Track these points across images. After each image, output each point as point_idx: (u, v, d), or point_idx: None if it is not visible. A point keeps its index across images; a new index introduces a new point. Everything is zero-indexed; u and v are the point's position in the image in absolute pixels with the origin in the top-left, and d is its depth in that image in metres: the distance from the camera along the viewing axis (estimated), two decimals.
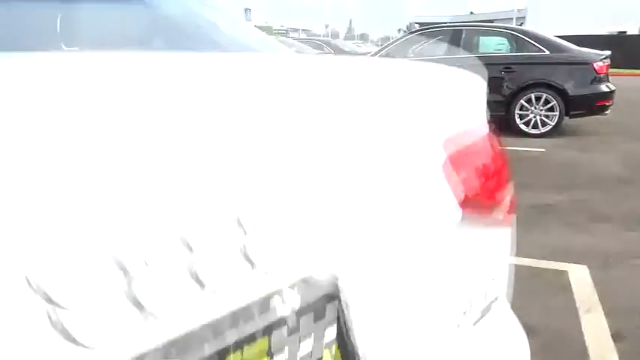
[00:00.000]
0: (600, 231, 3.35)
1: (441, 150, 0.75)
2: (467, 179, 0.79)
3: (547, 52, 6.73)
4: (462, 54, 7.12)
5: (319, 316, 0.58)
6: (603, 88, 6.64)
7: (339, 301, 0.60)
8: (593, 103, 6.66)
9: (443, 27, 8.10)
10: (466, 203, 0.78)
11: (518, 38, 6.97)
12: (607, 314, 2.28)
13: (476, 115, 0.87)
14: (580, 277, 2.65)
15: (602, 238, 3.23)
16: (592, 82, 6.58)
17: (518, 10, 39.12)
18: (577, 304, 2.39)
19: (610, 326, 2.19)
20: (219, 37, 1.26)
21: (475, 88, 0.87)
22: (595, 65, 6.55)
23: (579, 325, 2.21)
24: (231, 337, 0.50)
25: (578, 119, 7.16)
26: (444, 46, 7.37)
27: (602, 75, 6.61)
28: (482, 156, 0.85)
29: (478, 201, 0.81)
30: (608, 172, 5.01)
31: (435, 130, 0.76)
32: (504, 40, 7.39)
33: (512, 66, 6.74)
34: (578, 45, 7.32)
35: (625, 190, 4.33)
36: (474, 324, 0.83)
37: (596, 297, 2.45)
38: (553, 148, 6.13)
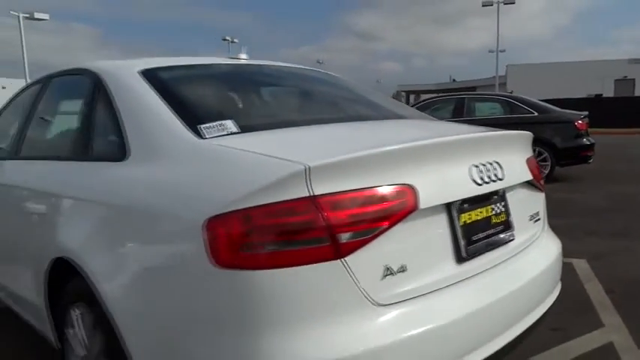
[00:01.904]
0: (592, 240, 4.53)
1: (525, 157, 1.97)
2: (531, 166, 2.00)
3: (536, 114, 8.17)
4: (464, 119, 8.54)
5: (502, 202, 1.77)
6: (585, 141, 8.04)
7: (505, 198, 1.79)
8: (578, 154, 8.02)
9: (447, 96, 9.59)
10: (532, 174, 1.98)
11: (511, 103, 8.43)
12: (601, 282, 3.43)
13: (530, 147, 2.10)
14: (581, 265, 3.80)
15: (594, 244, 4.40)
16: (575, 137, 7.97)
17: (500, 77, 41.79)
18: (580, 278, 3.53)
19: (603, 287, 3.33)
20: (402, 109, 2.48)
21: (530, 137, 2.09)
22: (576, 123, 7.97)
23: (584, 287, 3.35)
24: (487, 199, 1.69)
25: (567, 168, 8.50)
26: (449, 112, 8.80)
27: (582, 131, 8.02)
28: (533, 161, 2.06)
29: (534, 175, 2.02)
30: (595, 205, 6.25)
31: (524, 152, 1.98)
32: (497, 105, 8.85)
33: (509, 126, 8.08)
34: (562, 107, 8.78)
35: (608, 216, 5.55)
36: (535, 222, 2.02)
37: (592, 274, 3.59)
38: (549, 191, 7.29)
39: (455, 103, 8.76)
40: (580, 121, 7.99)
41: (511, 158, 1.83)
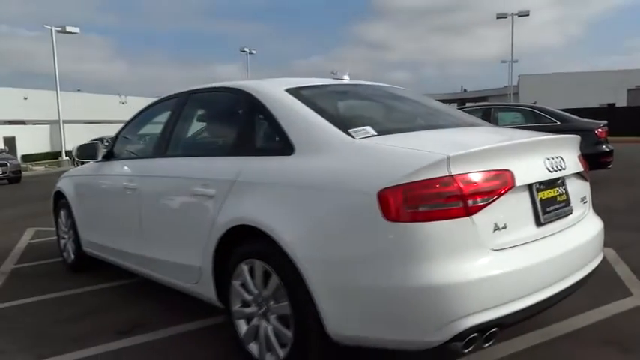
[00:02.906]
0: (617, 234, 5.12)
1: (577, 155, 2.62)
2: (580, 162, 2.64)
3: (558, 123, 8.78)
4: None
5: (563, 186, 2.42)
6: (604, 148, 8.63)
7: (565, 183, 2.44)
8: (598, 160, 8.59)
9: (476, 107, 10.27)
10: (582, 167, 2.63)
11: (535, 113, 9.07)
12: (627, 264, 4.04)
13: (579, 148, 2.74)
14: (609, 252, 4.41)
15: (619, 237, 5.01)
16: (595, 144, 8.56)
17: (513, 87, 42.36)
18: (610, 262, 4.14)
19: (630, 268, 3.95)
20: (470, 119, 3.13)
21: (579, 140, 2.73)
22: (596, 131, 8.57)
23: (613, 268, 3.97)
24: (554, 183, 2.34)
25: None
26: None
27: (602, 138, 8.62)
28: (581, 158, 2.70)
29: (583, 168, 2.66)
30: (617, 205, 6.85)
31: (576, 151, 2.63)
32: (522, 115, 9.50)
33: None
34: (577, 116, 9.40)
35: (630, 215, 6.17)
36: (584, 203, 2.66)
37: (620, 259, 4.21)
38: None
39: (482, 112, 9.43)
40: (600, 130, 8.60)
41: (569, 155, 2.49)
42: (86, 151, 3.92)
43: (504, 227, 2.05)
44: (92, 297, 3.92)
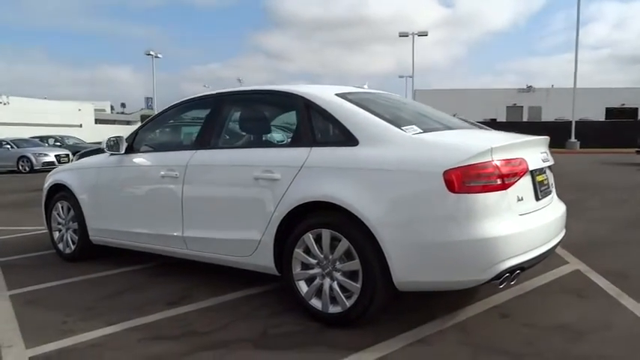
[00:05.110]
0: None
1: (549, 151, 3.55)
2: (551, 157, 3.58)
3: None
4: None
5: (546, 173, 3.31)
6: None
7: (546, 171, 3.33)
8: None
9: None
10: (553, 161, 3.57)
11: None
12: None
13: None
14: None
15: None
16: None
17: None
18: None
19: (561, 246, 5.03)
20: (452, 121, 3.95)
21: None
22: None
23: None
24: (543, 170, 3.21)
25: None
26: None
27: None
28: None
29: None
30: None
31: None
32: None
33: None
34: None
35: None
36: (554, 187, 3.59)
37: None
38: None
39: None
40: None
41: (548, 151, 3.39)
42: (113, 144, 4.21)
43: (522, 199, 2.87)
44: (120, 278, 4.20)
